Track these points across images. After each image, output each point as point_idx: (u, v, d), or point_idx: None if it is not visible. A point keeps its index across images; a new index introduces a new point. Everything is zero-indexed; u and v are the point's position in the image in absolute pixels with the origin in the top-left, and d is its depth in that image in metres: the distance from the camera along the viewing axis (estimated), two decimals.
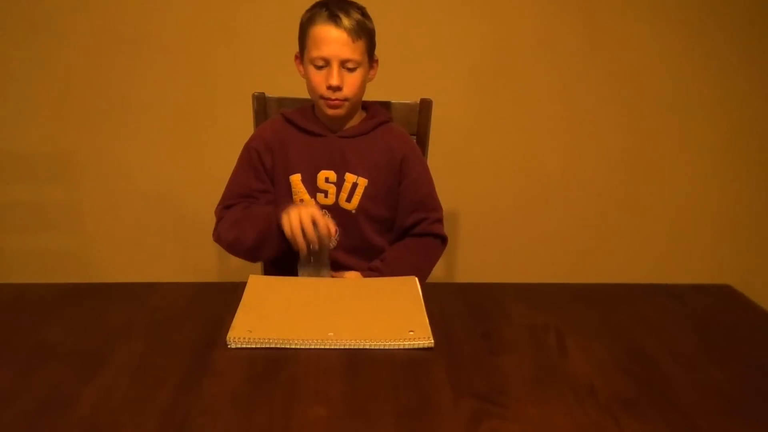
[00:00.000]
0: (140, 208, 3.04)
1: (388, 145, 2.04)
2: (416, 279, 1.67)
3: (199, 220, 2.95)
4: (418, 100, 2.20)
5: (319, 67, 1.90)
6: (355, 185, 2.00)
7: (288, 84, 2.13)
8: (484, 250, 3.17)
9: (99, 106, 2.90)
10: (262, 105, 2.19)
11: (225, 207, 2.04)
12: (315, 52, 1.89)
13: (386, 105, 2.18)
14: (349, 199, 2.01)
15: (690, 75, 2.98)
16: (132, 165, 2.98)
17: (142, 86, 2.88)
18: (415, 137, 2.19)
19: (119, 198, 3.02)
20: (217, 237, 2.02)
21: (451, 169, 2.98)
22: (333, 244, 2.01)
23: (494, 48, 2.91)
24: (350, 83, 1.91)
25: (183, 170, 2.99)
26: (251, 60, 2.85)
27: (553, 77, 2.94)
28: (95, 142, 2.94)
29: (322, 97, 1.93)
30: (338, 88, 1.89)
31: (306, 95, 2.00)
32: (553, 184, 3.09)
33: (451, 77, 2.93)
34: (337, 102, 1.92)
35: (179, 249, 3.10)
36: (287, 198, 2.02)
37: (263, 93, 2.19)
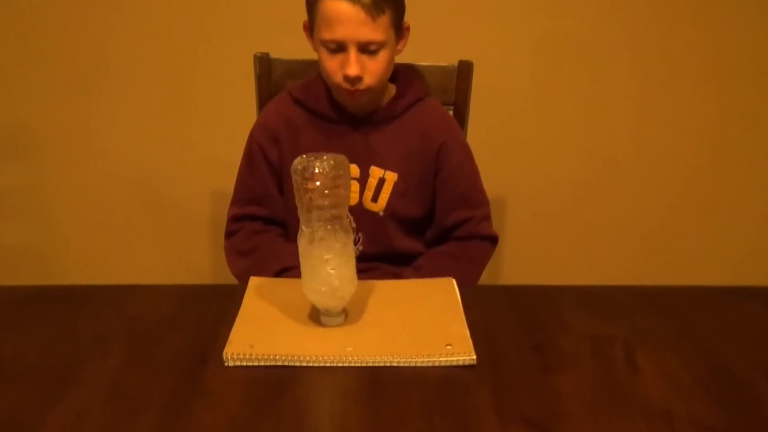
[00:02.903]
0: (117, 195, 3.05)
1: (422, 130, 2.02)
2: (453, 281, 1.67)
3: (189, 209, 2.96)
4: (455, 63, 2.20)
5: (333, 51, 1.85)
6: (382, 181, 2.00)
7: (297, 43, 2.10)
8: (535, 245, 3.17)
9: (66, 70, 2.90)
10: (265, 68, 2.20)
11: (235, 218, 2.07)
12: (326, 33, 1.83)
13: (417, 69, 2.18)
14: (375, 199, 2.01)
15: None
16: (107, 142, 2.99)
17: (119, 44, 2.87)
18: (451, 108, 2.19)
19: (91, 182, 3.03)
20: (227, 256, 2.06)
21: (496, 148, 2.96)
22: (356, 252, 2.03)
23: None
24: (372, 69, 1.87)
25: (169, 148, 2.99)
26: (252, 14, 2.84)
27: (624, 33, 2.91)
28: (61, 114, 2.95)
29: (338, 86, 1.89)
30: (357, 78, 1.85)
31: None
32: (620, 166, 3.07)
33: (496, 34, 2.90)
34: (357, 93, 1.89)
35: (165, 244, 3.12)
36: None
37: (267, 54, 2.19)
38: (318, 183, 1.37)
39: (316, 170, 1.37)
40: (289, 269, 1.90)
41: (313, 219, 1.41)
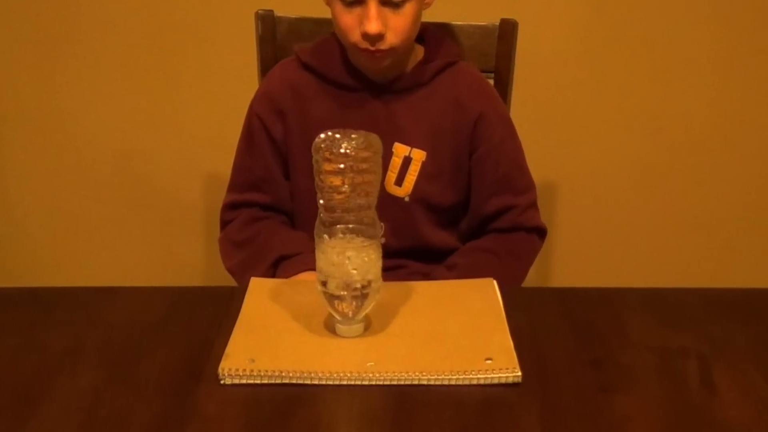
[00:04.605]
0: (93, 181, 3.06)
1: (456, 99, 2.01)
2: (494, 282, 1.66)
3: (178, 197, 2.97)
4: (497, 21, 2.19)
5: (349, 4, 1.83)
6: (407, 161, 1.99)
7: None
8: (591, 240, 3.16)
9: (30, 31, 2.90)
10: (269, 28, 2.20)
11: (231, 205, 2.07)
12: None
13: (450, 28, 2.17)
14: (399, 182, 2.00)
15: None
16: (80, 117, 3.00)
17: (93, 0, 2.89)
18: (492, 76, 2.19)
19: (61, 165, 3.04)
20: (222, 249, 2.07)
21: (544, 123, 2.96)
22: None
23: None
24: (396, 26, 1.84)
25: (154, 125, 3.00)
26: None
27: None
28: (24, 85, 2.96)
29: (356, 46, 1.88)
30: (378, 36, 1.83)
31: None
32: (690, 147, 3.06)
33: None
34: (378, 53, 1.87)
35: (149, 239, 3.12)
36: (309, 181, 2.01)
37: (271, 11, 2.19)
38: (342, 165, 1.36)
39: (342, 150, 1.35)
40: (289, 257, 1.91)
41: (335, 208, 1.39)
